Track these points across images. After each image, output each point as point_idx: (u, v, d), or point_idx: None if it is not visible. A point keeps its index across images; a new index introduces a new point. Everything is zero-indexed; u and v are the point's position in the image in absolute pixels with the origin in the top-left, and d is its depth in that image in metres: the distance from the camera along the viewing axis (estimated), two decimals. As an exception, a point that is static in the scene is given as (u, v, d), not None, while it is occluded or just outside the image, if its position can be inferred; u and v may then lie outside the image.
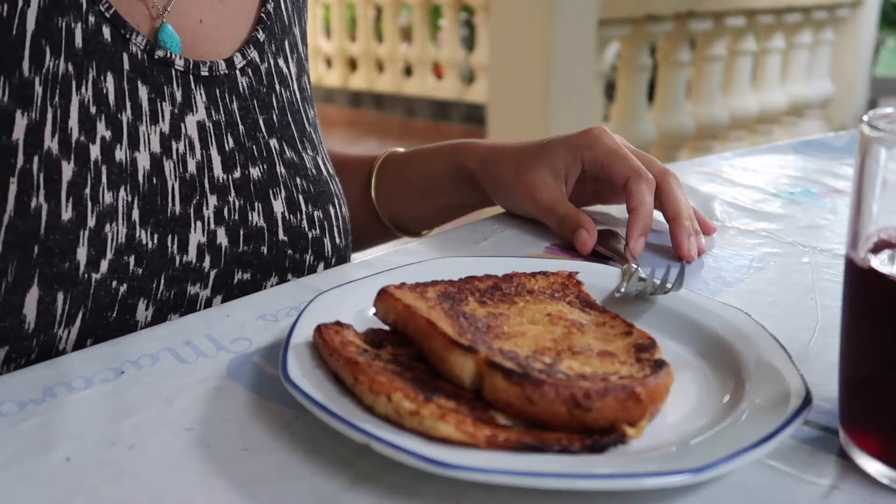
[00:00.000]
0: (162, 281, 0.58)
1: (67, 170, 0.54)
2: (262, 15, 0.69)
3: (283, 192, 0.66)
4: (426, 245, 0.71)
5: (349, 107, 5.59)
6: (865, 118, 0.38)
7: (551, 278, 0.54)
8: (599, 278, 0.57)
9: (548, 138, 0.74)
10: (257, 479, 0.39)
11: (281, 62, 0.70)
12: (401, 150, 0.84)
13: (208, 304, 0.62)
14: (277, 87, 0.69)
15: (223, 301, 0.63)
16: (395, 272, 0.55)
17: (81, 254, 0.54)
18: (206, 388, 0.46)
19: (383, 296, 0.48)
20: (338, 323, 0.47)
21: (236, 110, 0.65)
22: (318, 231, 0.68)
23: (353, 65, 5.45)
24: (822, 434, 0.43)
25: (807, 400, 0.41)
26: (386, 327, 0.48)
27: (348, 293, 0.53)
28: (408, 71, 5.16)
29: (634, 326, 0.48)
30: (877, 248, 0.38)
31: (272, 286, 0.65)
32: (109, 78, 0.57)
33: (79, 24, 0.56)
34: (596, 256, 0.66)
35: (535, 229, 0.73)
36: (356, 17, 5.30)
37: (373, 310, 0.49)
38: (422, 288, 0.50)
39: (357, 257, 0.70)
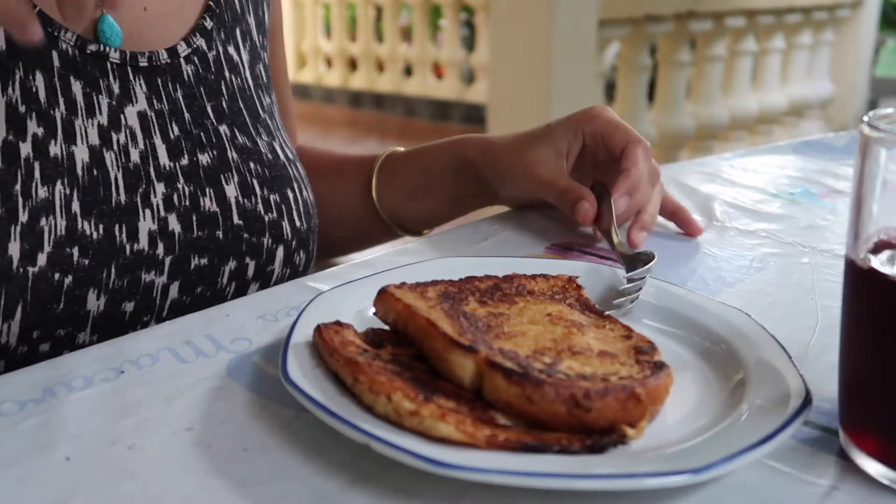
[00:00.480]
0: (112, 270, 0.58)
1: None
2: (211, 3, 0.69)
3: (235, 176, 0.66)
4: (426, 245, 0.71)
5: (349, 107, 5.59)
6: (865, 119, 0.38)
7: (551, 281, 0.54)
8: (600, 279, 0.57)
9: (548, 122, 0.74)
10: (257, 479, 0.39)
11: (231, 50, 0.70)
12: (401, 149, 0.84)
13: (165, 290, 0.62)
14: (227, 73, 0.69)
15: (180, 288, 0.63)
16: (395, 272, 0.55)
17: (14, 248, 0.54)
18: (205, 388, 0.46)
19: (383, 296, 0.48)
20: (338, 323, 0.47)
21: (181, 98, 0.65)
22: (274, 214, 0.68)
23: (353, 65, 5.45)
24: (822, 434, 0.43)
25: (807, 400, 0.41)
26: (386, 327, 0.48)
27: (348, 293, 0.53)
28: (408, 71, 5.16)
29: (633, 330, 0.48)
30: (877, 249, 0.38)
31: (231, 271, 0.65)
32: (39, 77, 0.57)
33: (1, 28, 0.55)
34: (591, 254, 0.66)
35: (535, 229, 0.73)
36: (356, 17, 5.30)
37: (373, 310, 0.49)
38: (422, 288, 0.50)
39: (357, 257, 0.70)
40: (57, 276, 0.56)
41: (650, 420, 0.41)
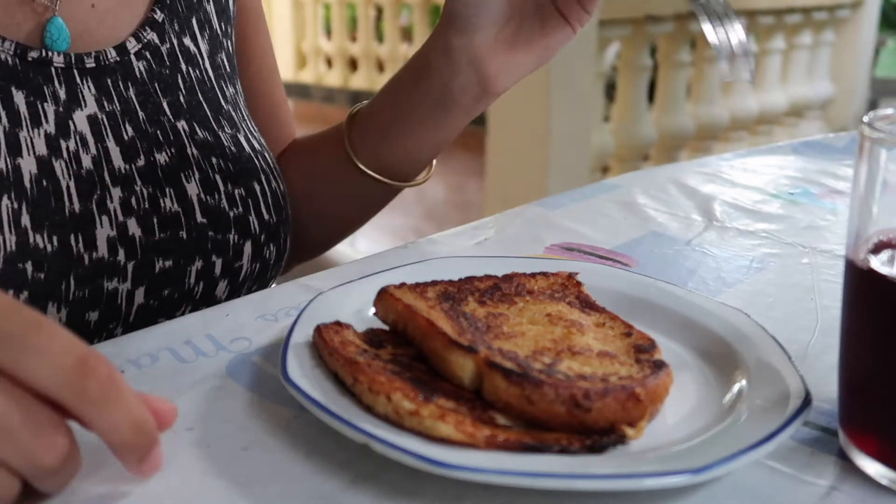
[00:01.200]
0: (72, 281, 0.57)
1: None
2: None
3: (196, 173, 0.64)
4: (426, 245, 0.71)
5: (349, 107, 5.57)
6: (865, 119, 0.38)
7: (551, 279, 0.54)
8: (600, 278, 0.57)
9: None
10: (257, 479, 0.39)
11: (187, 41, 0.68)
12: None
13: (130, 296, 0.60)
14: (184, 66, 0.67)
15: (146, 293, 0.61)
16: (394, 272, 0.55)
17: None
18: (205, 388, 0.46)
19: (383, 296, 0.48)
20: (337, 323, 0.47)
21: (133, 97, 0.63)
22: (240, 209, 0.66)
23: (353, 65, 5.45)
24: (822, 435, 0.43)
25: (806, 401, 0.41)
26: (385, 327, 0.48)
27: (348, 293, 0.53)
28: (408, 71, 5.16)
29: (634, 327, 0.48)
30: (877, 249, 0.38)
31: (198, 271, 0.63)
32: None
33: None
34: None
35: (536, 229, 0.73)
36: (356, 17, 5.30)
37: (372, 310, 0.49)
38: (422, 288, 0.50)
39: (356, 257, 0.70)
40: (10, 292, 0.54)
41: (650, 419, 0.41)
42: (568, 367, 0.42)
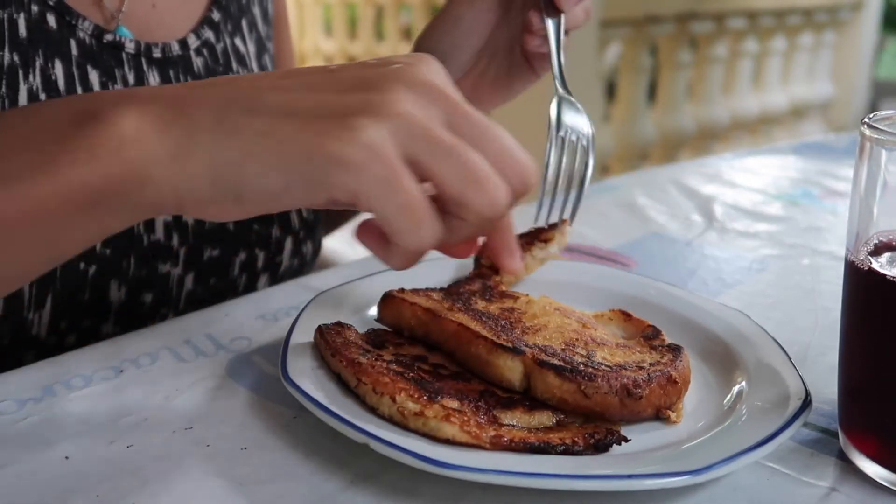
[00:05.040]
0: (132, 261, 0.59)
1: None
2: None
3: None
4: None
5: (350, 107, 5.59)
6: (866, 120, 0.38)
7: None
8: (600, 279, 0.57)
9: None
10: (256, 478, 0.39)
11: (238, 41, 0.70)
12: None
13: (180, 282, 0.62)
14: (235, 65, 0.69)
15: (195, 279, 0.63)
16: (395, 272, 0.55)
17: None
18: (205, 387, 0.46)
19: (392, 301, 0.48)
20: (339, 323, 0.47)
21: None
22: None
23: (353, 65, 5.44)
24: (822, 436, 0.43)
25: (806, 402, 0.41)
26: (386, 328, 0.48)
27: (347, 293, 0.53)
28: (409, 71, 5.16)
29: (632, 315, 0.49)
30: (877, 251, 0.38)
31: (241, 262, 0.66)
32: (58, 65, 0.57)
33: (21, 15, 0.55)
34: None
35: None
36: (357, 16, 5.30)
37: (372, 310, 0.49)
38: (424, 293, 0.50)
39: (356, 257, 0.70)
40: (82, 265, 0.56)
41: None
42: (603, 358, 0.43)
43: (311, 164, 0.35)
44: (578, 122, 0.57)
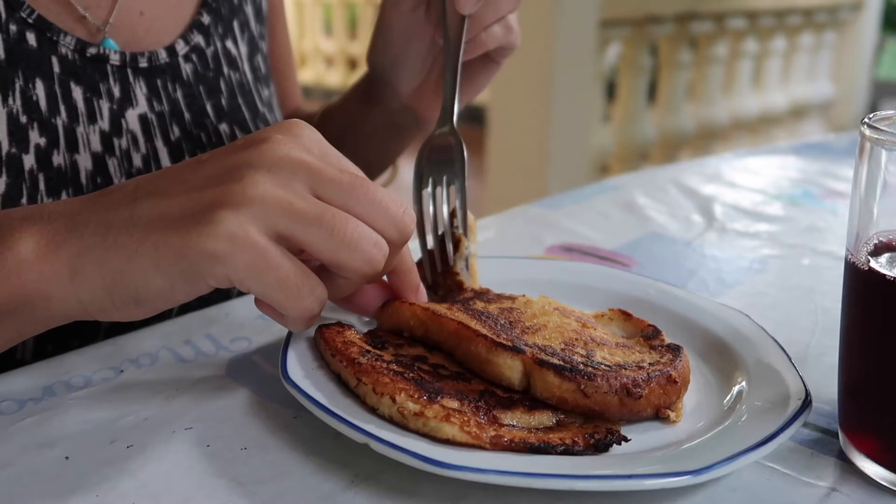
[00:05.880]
0: None
1: (0, 183, 0.53)
2: None
3: None
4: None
5: (349, 106, 5.59)
6: (866, 120, 0.38)
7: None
8: (600, 279, 0.57)
9: None
10: (256, 478, 0.39)
11: (229, 44, 0.69)
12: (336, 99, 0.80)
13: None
14: (226, 70, 0.68)
15: None
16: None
17: None
18: (205, 387, 0.46)
19: (393, 303, 0.48)
20: (339, 323, 0.47)
21: (181, 98, 0.64)
22: None
23: (353, 65, 5.44)
24: (822, 436, 0.43)
25: (806, 402, 0.41)
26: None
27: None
28: (408, 71, 5.16)
29: (632, 314, 0.49)
30: (877, 251, 0.38)
31: None
32: (39, 84, 0.56)
33: (0, 35, 0.54)
34: None
35: (536, 229, 0.73)
36: (357, 16, 5.30)
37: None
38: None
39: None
40: None
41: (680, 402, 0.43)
42: (603, 357, 0.43)
43: (185, 261, 0.38)
44: (444, 157, 0.56)
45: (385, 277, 0.48)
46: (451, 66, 0.58)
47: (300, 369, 0.43)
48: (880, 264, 0.38)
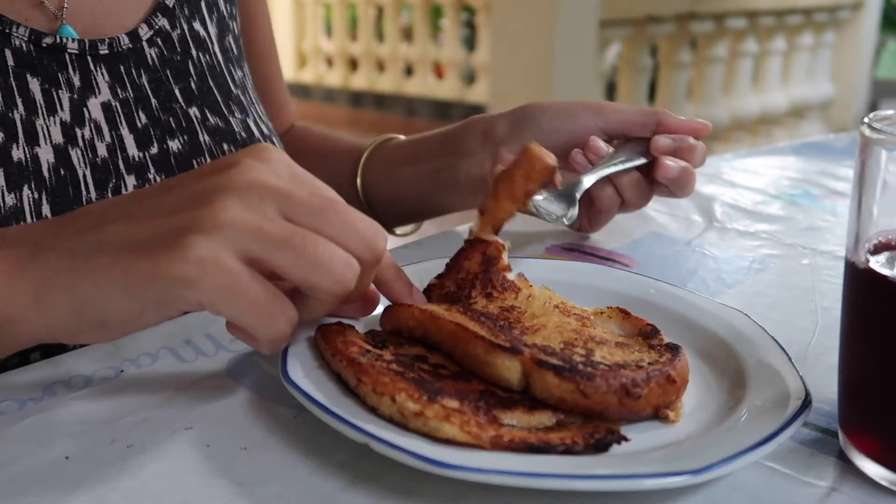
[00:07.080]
0: None
1: None
2: None
3: (208, 160, 0.65)
4: (424, 246, 0.71)
5: (350, 107, 5.59)
6: (866, 120, 0.38)
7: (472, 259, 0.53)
8: (600, 279, 0.57)
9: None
10: (256, 479, 0.39)
11: (197, 25, 0.68)
12: (399, 137, 0.79)
13: None
14: (194, 52, 0.67)
15: None
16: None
17: None
18: (205, 387, 0.46)
19: (390, 306, 0.48)
20: (339, 323, 0.47)
21: (146, 84, 0.63)
22: None
23: (353, 65, 5.44)
24: (822, 436, 0.43)
25: (806, 402, 0.41)
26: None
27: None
28: (408, 71, 5.16)
29: (630, 313, 0.49)
30: (877, 250, 0.38)
31: None
32: None
33: None
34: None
35: (536, 229, 0.73)
36: (357, 16, 5.30)
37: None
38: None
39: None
40: None
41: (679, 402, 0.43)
42: (602, 357, 0.43)
43: (155, 286, 0.38)
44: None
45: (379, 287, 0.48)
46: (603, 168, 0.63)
47: (300, 369, 0.43)
48: (880, 264, 0.38)
